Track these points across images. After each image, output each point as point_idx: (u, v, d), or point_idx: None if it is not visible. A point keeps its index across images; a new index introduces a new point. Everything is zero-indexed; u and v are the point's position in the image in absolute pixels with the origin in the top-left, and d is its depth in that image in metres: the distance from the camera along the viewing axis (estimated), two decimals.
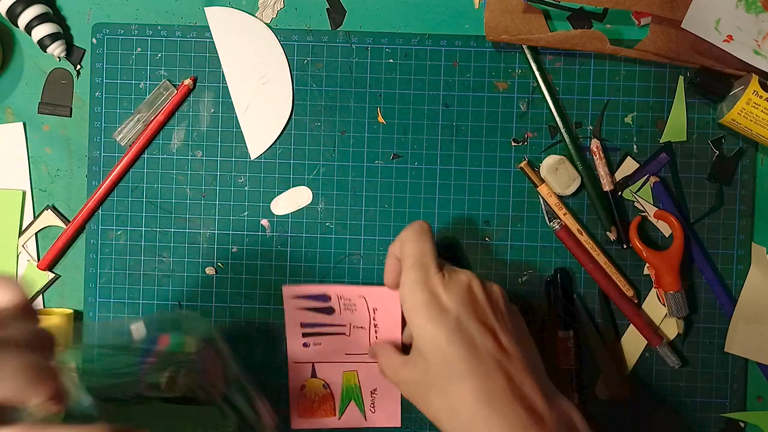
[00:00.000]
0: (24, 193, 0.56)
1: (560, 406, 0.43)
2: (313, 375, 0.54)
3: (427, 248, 0.46)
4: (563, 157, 0.54)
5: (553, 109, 0.55)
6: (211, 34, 0.56)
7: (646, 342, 0.55)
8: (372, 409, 0.54)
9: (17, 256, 0.56)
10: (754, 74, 0.51)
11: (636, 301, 0.55)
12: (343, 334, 0.53)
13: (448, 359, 0.42)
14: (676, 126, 0.55)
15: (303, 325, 0.53)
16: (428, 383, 0.43)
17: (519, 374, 0.42)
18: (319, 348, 0.53)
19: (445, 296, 0.44)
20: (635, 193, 0.55)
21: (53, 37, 0.54)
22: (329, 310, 0.52)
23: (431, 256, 0.46)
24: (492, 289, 0.46)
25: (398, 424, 0.54)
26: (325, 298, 0.52)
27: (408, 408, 0.55)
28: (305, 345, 0.53)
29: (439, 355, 0.43)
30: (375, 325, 0.52)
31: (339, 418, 0.54)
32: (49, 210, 0.56)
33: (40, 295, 0.56)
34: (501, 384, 0.42)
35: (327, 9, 0.56)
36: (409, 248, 0.46)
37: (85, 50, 0.56)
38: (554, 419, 0.42)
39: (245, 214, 0.56)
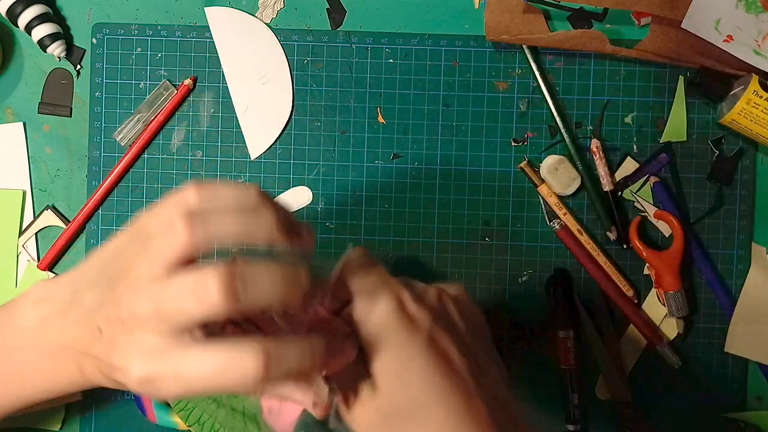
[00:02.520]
0: (24, 193, 0.56)
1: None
2: None
3: (380, 271, 0.38)
4: (563, 157, 0.54)
5: (553, 109, 0.55)
6: (211, 34, 0.56)
7: (646, 342, 0.55)
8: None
9: (17, 256, 0.56)
10: (754, 74, 0.51)
11: (636, 301, 0.55)
12: None
13: (418, 383, 0.35)
14: (676, 126, 0.55)
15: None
16: (385, 418, 0.35)
17: (499, 396, 0.37)
18: None
19: (413, 306, 0.37)
20: (635, 193, 0.55)
21: (53, 37, 0.54)
22: None
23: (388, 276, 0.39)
24: (462, 300, 0.40)
25: None
26: None
27: None
28: None
29: (405, 378, 0.35)
30: None
31: None
32: (49, 210, 0.56)
33: None
34: (482, 410, 0.35)
35: (327, 9, 0.56)
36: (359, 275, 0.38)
37: (85, 50, 0.56)
38: None
39: None
